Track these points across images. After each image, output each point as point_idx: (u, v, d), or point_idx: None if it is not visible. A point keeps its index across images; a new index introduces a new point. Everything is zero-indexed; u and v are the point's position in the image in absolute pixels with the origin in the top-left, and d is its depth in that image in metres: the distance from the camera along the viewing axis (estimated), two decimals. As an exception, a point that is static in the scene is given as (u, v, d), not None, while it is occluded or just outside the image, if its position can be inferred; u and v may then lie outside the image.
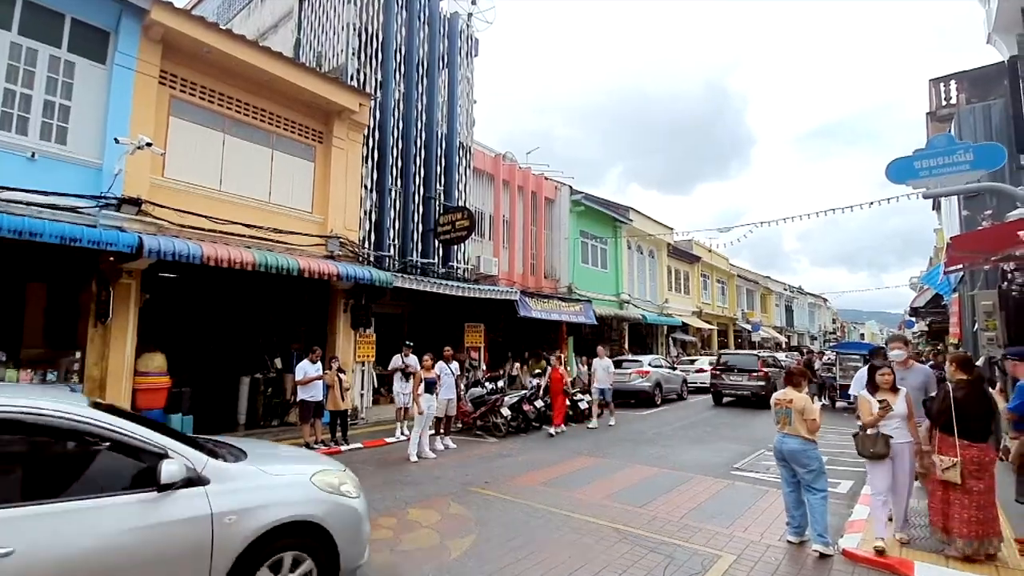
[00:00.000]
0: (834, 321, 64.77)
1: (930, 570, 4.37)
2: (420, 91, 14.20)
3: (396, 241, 13.44)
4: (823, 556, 4.72)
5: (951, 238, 8.33)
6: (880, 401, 4.92)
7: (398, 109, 13.57)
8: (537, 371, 13.90)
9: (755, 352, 21.15)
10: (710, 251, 32.05)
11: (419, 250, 13.84)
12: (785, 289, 48.56)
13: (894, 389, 4.95)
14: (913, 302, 23.76)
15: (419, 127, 14.06)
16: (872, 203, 14.39)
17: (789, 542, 5.07)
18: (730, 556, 4.76)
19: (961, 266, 9.50)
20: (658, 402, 15.80)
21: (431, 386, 8.93)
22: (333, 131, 11.46)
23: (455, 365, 9.86)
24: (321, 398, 9.23)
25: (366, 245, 12.38)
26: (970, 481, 4.44)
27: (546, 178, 19.55)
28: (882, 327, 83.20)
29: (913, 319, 27.59)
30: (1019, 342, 7.66)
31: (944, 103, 13.94)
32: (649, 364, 16.45)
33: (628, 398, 15.87)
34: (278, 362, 11.35)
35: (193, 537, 2.92)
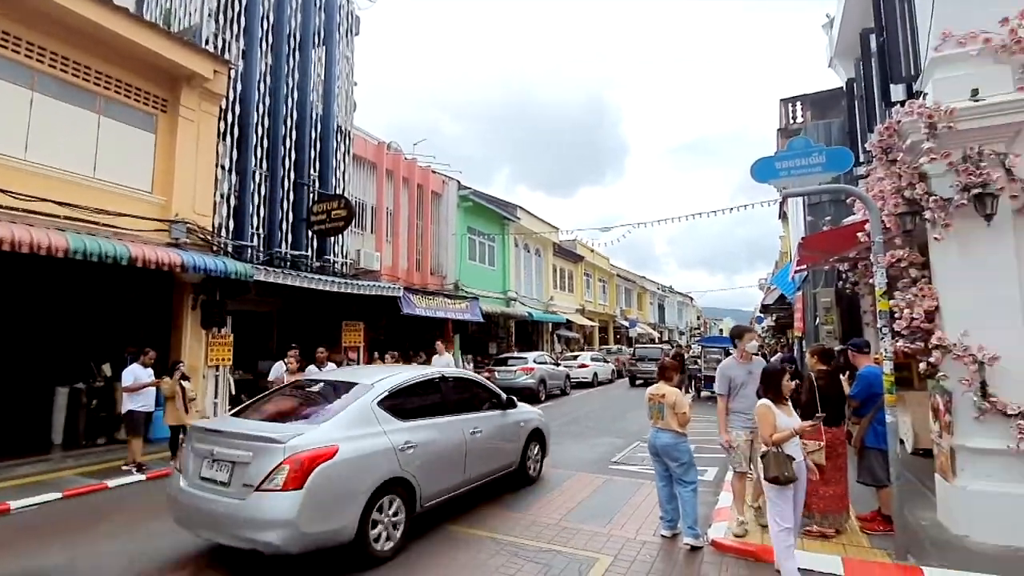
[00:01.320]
0: (698, 318, 71.29)
1: (806, 555, 4.53)
2: (292, 65, 12.88)
3: (261, 230, 12.06)
4: (694, 549, 4.76)
5: (803, 238, 9.18)
6: (817, 416, 4.36)
7: (264, 83, 12.17)
8: None
9: (660, 346, 25.61)
10: (592, 251, 33.41)
11: (289, 241, 12.55)
12: (658, 288, 52.36)
13: (787, 401, 4.28)
14: (763, 300, 26.60)
15: (290, 105, 12.74)
16: (729, 209, 15.73)
17: (663, 536, 5.08)
18: (607, 557, 4.62)
19: (806, 266, 10.56)
20: (542, 398, 15.94)
21: None
22: (180, 99, 9.89)
23: (331, 368, 8.90)
24: (152, 408, 7.86)
25: (223, 233, 10.91)
26: (827, 461, 4.71)
27: (433, 171, 18.91)
28: (736, 323, 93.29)
29: (763, 315, 30.93)
30: (853, 334, 8.61)
31: (792, 121, 15.59)
32: (534, 361, 16.56)
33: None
34: (107, 369, 9.58)
35: (514, 427, 6.61)
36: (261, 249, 11.94)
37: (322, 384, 5.50)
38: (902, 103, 5.52)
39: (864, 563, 4.37)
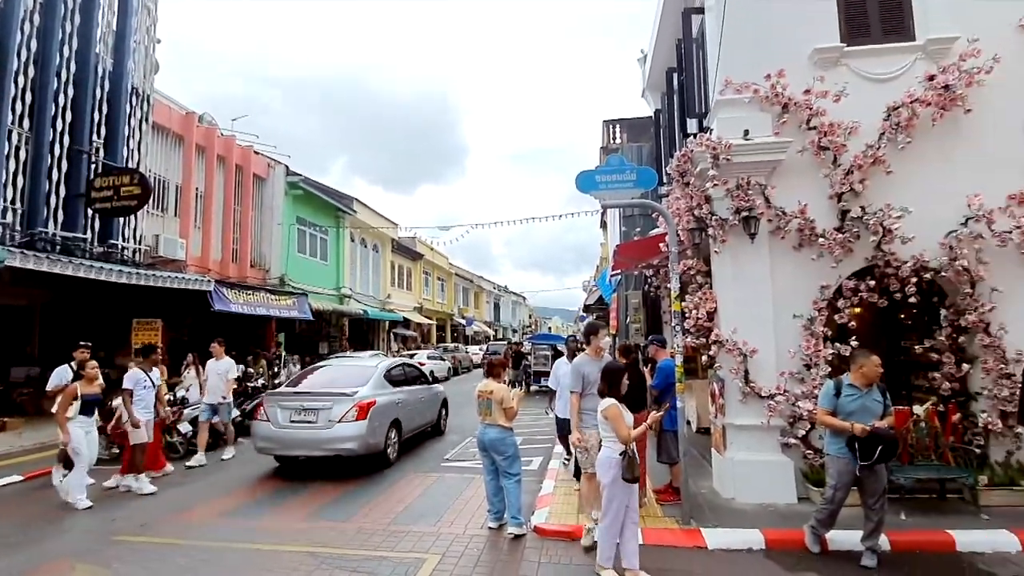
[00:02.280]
0: (530, 316, 75.76)
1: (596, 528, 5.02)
2: (71, 7, 10.58)
3: (19, 204, 9.70)
4: (517, 536, 4.99)
5: (618, 246, 10.27)
6: (664, 408, 4.97)
7: (31, 22, 9.81)
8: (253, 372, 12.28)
9: (508, 341, 28.18)
10: (432, 249, 33.39)
11: (59, 220, 10.29)
12: (495, 288, 54.39)
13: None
14: (585, 301, 29.19)
15: (67, 55, 10.45)
16: (559, 216, 16.99)
17: (490, 528, 5.23)
18: (435, 557, 4.61)
19: (620, 271, 11.84)
20: (376, 399, 15.43)
21: (91, 407, 6.26)
22: None
23: (157, 373, 7.28)
24: None
25: (-43, 205, 8.53)
26: None
27: (257, 152, 17.11)
28: (563, 321, 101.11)
29: (585, 314, 33.99)
30: (655, 331, 9.87)
31: (612, 141, 17.37)
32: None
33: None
34: None
35: (436, 395, 10.23)
36: (18, 228, 9.61)
37: (347, 367, 9.27)
38: (695, 135, 6.47)
39: (658, 530, 5.01)
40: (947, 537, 4.52)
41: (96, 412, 6.44)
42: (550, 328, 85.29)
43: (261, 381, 12.01)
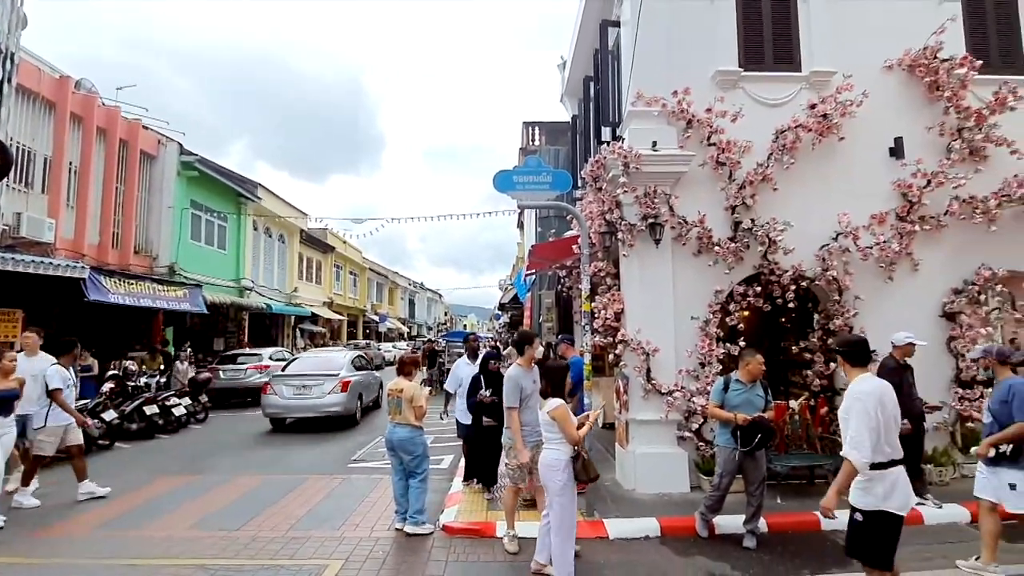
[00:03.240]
0: (446, 314, 75.24)
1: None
2: (-93, -60, 8.96)
3: None
4: (419, 535, 4.96)
5: (532, 246, 10.46)
6: (601, 407, 4.98)
7: None
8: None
9: (428, 339, 28.28)
10: (345, 242, 32.13)
11: None
12: (410, 284, 53.38)
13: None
14: (501, 299, 29.53)
15: (-99, -4, 8.85)
16: (477, 214, 16.99)
17: (397, 529, 5.14)
18: (337, 562, 4.44)
19: (535, 270, 12.08)
20: (278, 398, 14.62)
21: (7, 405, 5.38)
22: None
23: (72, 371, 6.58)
24: None
25: None
26: None
27: (146, 127, 15.50)
28: (479, 319, 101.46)
29: (500, 313, 34.36)
30: (567, 330, 10.18)
31: (531, 142, 17.67)
32: (270, 358, 15.04)
33: (244, 396, 14.24)
34: None
35: (377, 379, 13.27)
36: None
37: (324, 358, 12.22)
38: (608, 143, 6.74)
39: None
40: (814, 518, 5.04)
41: (13, 412, 5.50)
42: (465, 326, 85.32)
43: (145, 380, 10.91)
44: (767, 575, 4.17)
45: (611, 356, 6.47)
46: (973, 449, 4.21)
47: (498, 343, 24.67)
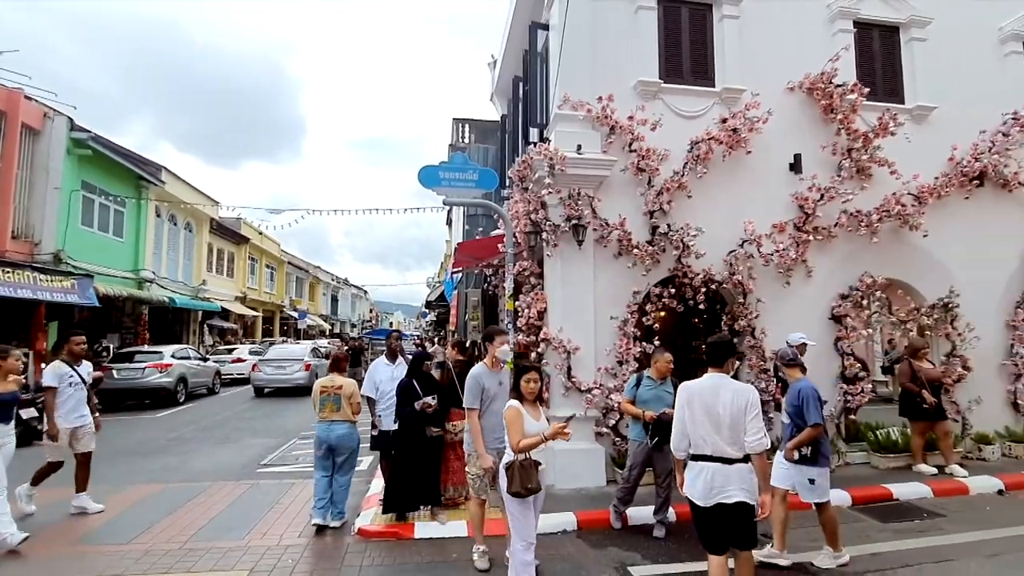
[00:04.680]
0: (371, 311, 73.21)
1: (427, 527, 5.01)
2: None
3: None
4: (337, 529, 5.00)
5: (457, 244, 10.38)
6: (569, 418, 4.31)
7: None
8: None
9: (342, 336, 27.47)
10: (261, 234, 30.33)
11: None
12: (333, 280, 51.38)
13: (535, 402, 3.75)
14: (428, 297, 29.16)
15: None
16: (405, 210, 16.68)
17: (315, 524, 5.04)
18: (241, 573, 4.18)
19: (461, 268, 12.01)
20: (181, 400, 13.56)
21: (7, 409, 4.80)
22: None
23: (88, 367, 5.84)
24: None
25: None
26: (458, 438, 5.40)
27: (28, 97, 13.82)
28: (406, 317, 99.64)
29: (427, 311, 33.93)
30: (491, 329, 10.18)
31: (461, 139, 17.54)
32: (172, 356, 13.93)
33: (142, 398, 13.13)
34: None
35: (324, 364, 13.72)
36: None
37: (291, 348, 18.04)
38: (535, 144, 6.82)
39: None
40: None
41: (13, 419, 4.85)
42: (391, 324, 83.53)
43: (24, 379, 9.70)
44: (673, 561, 4.38)
45: (533, 355, 6.55)
46: (778, 454, 4.45)
47: (424, 341, 24.33)
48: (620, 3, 6.82)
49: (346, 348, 16.93)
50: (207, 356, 17.57)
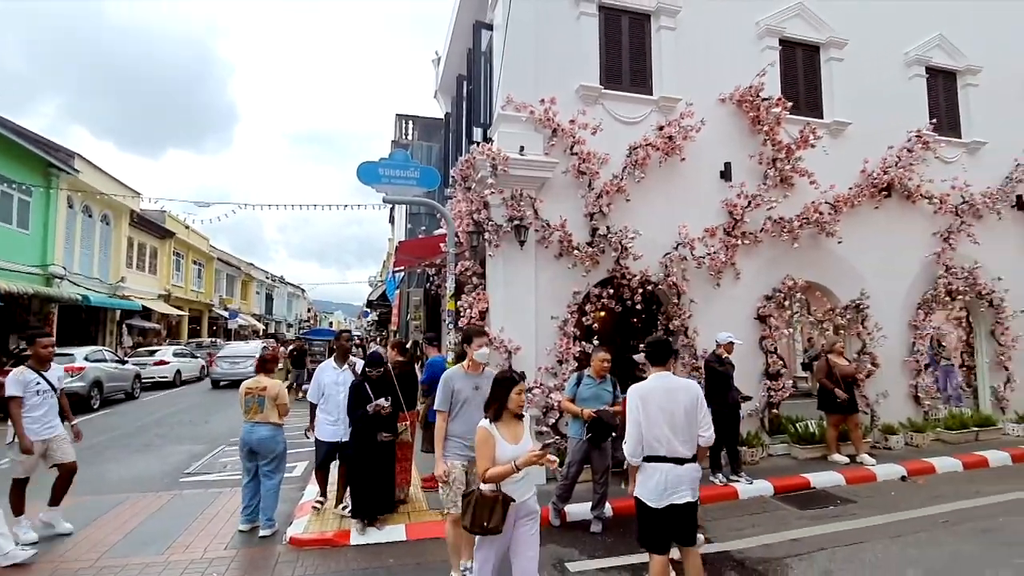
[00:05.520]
0: (309, 310, 70.59)
1: (364, 533, 4.88)
2: None
3: None
4: (266, 538, 4.81)
5: (399, 243, 10.20)
6: (546, 446, 3.77)
7: None
8: None
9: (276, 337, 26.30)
10: (188, 228, 28.59)
11: None
12: (267, 277, 49.16)
13: (518, 418, 3.16)
14: (369, 296, 28.48)
15: None
16: (345, 206, 16.22)
17: (240, 531, 4.89)
18: (160, 590, 3.92)
19: (403, 267, 11.81)
20: (96, 406, 12.57)
21: None
22: None
23: (59, 371, 5.31)
24: None
25: None
26: (403, 438, 5.34)
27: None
28: (346, 316, 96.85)
29: (368, 310, 33.14)
30: (434, 329, 10.08)
31: (404, 136, 17.25)
32: (85, 359, 12.88)
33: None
34: None
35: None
36: None
37: (244, 347, 19.11)
38: (479, 143, 6.80)
39: (422, 524, 5.08)
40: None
41: None
42: (331, 323, 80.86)
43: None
44: (610, 556, 4.49)
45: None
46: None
47: (364, 342, 23.74)
48: (563, 8, 6.92)
49: (291, 349, 16.24)
50: (126, 358, 16.35)
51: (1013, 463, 7.06)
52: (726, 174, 7.38)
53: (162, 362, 17.77)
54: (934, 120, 8.47)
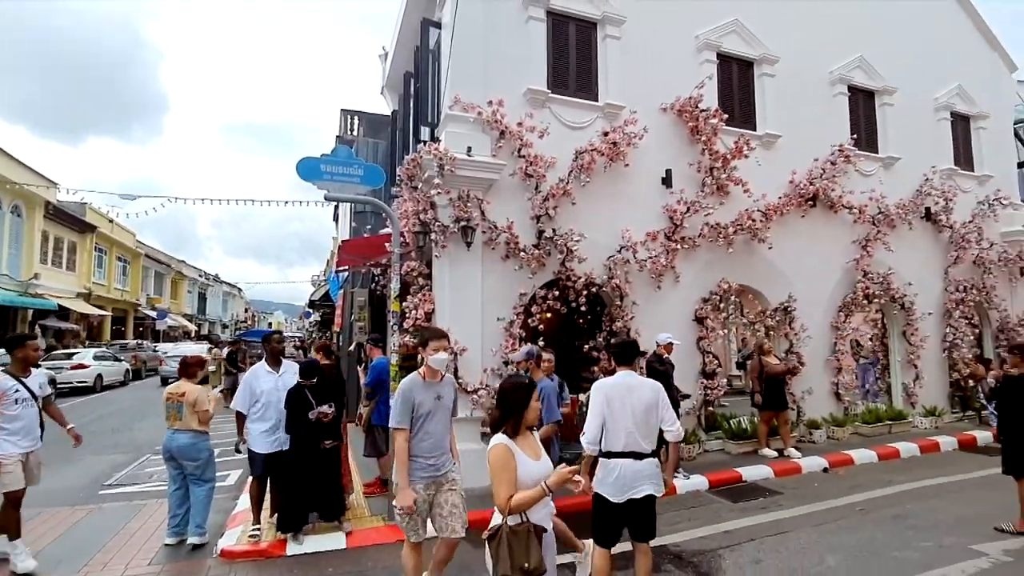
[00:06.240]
0: (247, 310, 67.48)
1: (299, 543, 4.71)
2: None
3: None
4: (197, 548, 4.62)
5: (342, 242, 9.92)
6: (582, 459, 3.35)
7: None
8: None
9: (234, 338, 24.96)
10: (111, 221, 26.71)
11: None
12: (200, 275, 46.65)
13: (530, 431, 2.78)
14: (311, 296, 27.53)
15: None
16: (286, 202, 15.64)
17: (167, 544, 4.65)
18: (73, 613, 3.63)
19: (347, 267, 11.49)
20: (1, 414, 11.50)
21: None
22: None
23: (41, 377, 4.81)
24: None
25: None
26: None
27: None
28: (287, 317, 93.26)
29: (311, 311, 32.02)
30: (380, 330, 9.86)
31: (349, 132, 16.81)
32: (-11, 362, 11.77)
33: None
34: None
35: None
36: None
37: (192, 349, 18.30)
38: (426, 142, 6.73)
39: (364, 531, 4.97)
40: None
41: None
42: (271, 324, 77.68)
43: None
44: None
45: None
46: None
47: (305, 343, 22.93)
48: (512, 10, 6.96)
49: (229, 350, 15.36)
50: (38, 363, 15.07)
51: (921, 453, 7.70)
52: (667, 181, 7.64)
53: (80, 366, 16.50)
54: (855, 136, 9.12)
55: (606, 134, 7.12)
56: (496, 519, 2.50)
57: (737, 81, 8.50)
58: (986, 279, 10.12)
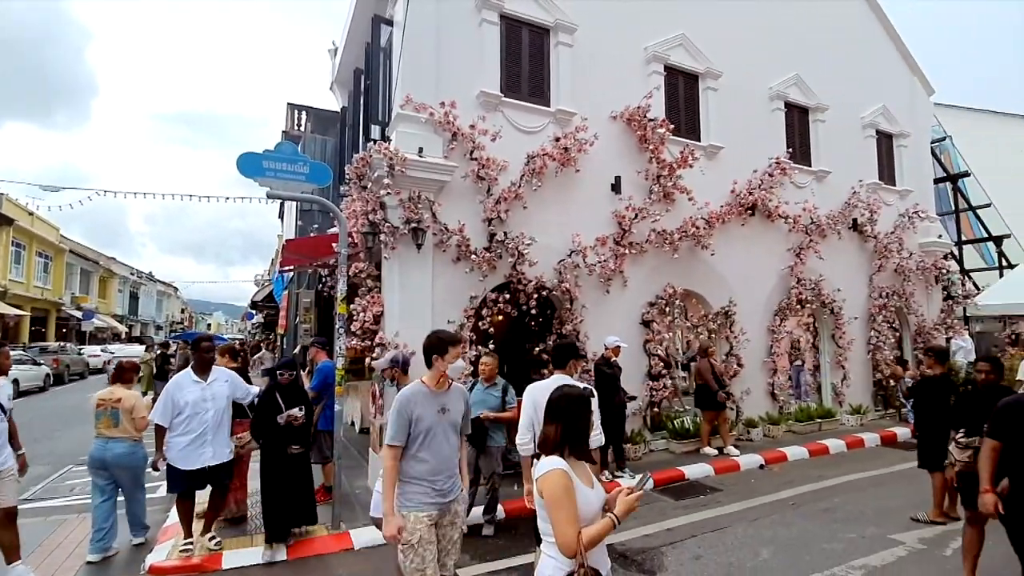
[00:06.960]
0: (183, 311, 64.07)
1: (237, 554, 4.51)
2: None
3: None
4: (137, 546, 4.70)
5: (286, 241, 9.59)
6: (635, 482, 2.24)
7: None
8: None
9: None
10: (31, 214, 24.77)
11: None
12: (132, 274, 43.93)
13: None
14: (254, 296, 26.44)
15: None
16: (227, 198, 15.02)
17: (89, 562, 4.39)
18: (-24, 643, 3.33)
19: (292, 267, 11.12)
20: None
21: None
22: None
23: (7, 390, 4.20)
24: None
25: None
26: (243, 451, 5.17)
27: None
28: (228, 318, 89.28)
29: (253, 312, 30.75)
30: (327, 332, 9.60)
31: (296, 127, 16.28)
32: None
33: None
34: None
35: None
36: None
37: (134, 350, 19.99)
38: (376, 141, 6.60)
39: (306, 541, 4.79)
40: (542, 499, 5.72)
41: None
42: (209, 326, 74.04)
43: None
44: (502, 558, 4.54)
45: (368, 359, 6.31)
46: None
47: (245, 346, 21.95)
48: (465, 12, 6.94)
49: (157, 353, 14.48)
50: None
51: (848, 449, 8.19)
52: (616, 187, 7.82)
53: (-8, 371, 15.18)
54: (791, 149, 9.63)
55: (558, 139, 7.21)
56: (552, 565, 2.04)
57: (683, 93, 8.80)
58: (906, 286, 10.91)
